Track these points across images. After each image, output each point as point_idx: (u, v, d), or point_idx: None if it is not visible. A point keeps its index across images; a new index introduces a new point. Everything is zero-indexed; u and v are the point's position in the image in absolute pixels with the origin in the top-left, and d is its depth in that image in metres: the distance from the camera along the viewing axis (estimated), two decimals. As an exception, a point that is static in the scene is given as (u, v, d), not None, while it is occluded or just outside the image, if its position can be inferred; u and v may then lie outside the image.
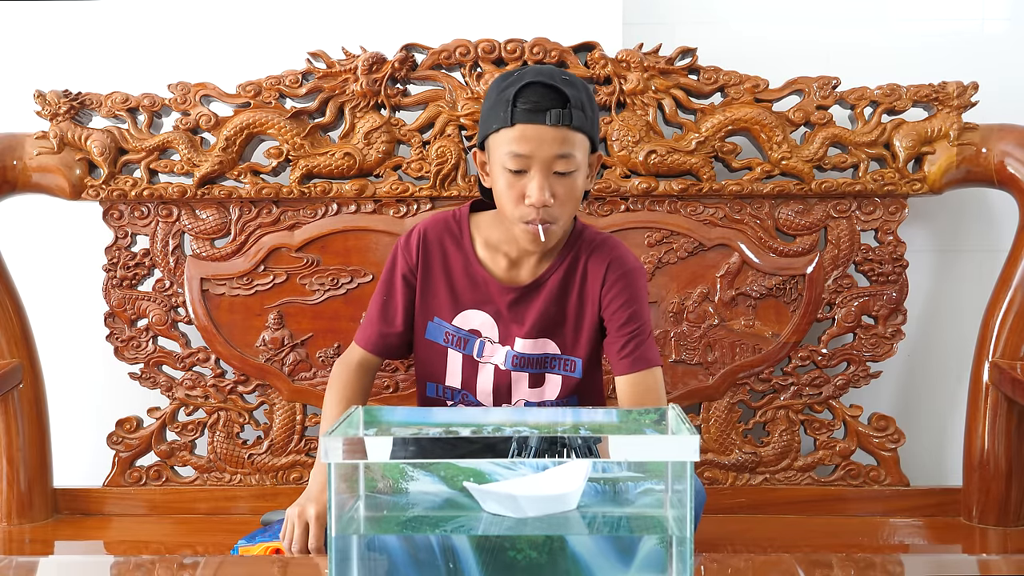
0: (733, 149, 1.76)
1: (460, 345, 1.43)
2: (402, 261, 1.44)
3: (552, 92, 1.26)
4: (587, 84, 1.34)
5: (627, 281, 1.40)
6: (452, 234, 1.43)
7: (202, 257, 1.81)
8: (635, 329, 1.39)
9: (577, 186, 1.30)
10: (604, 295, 1.40)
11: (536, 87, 1.26)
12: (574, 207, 1.33)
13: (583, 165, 1.30)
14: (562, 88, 1.26)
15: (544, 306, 1.40)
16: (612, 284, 1.39)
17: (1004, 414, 1.72)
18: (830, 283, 1.79)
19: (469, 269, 1.41)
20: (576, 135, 1.28)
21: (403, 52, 1.75)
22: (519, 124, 1.26)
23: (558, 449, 0.90)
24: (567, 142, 1.27)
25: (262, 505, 1.80)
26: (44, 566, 1.38)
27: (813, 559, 1.32)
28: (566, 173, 1.28)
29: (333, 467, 0.90)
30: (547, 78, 1.27)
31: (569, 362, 1.44)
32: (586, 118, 1.28)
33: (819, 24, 1.91)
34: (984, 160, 1.72)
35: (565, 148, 1.27)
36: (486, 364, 1.44)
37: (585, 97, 1.29)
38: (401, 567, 0.92)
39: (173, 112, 1.78)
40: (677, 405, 1.05)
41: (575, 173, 1.29)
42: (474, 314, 1.42)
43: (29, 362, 1.79)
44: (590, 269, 1.40)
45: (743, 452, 1.80)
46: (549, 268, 1.40)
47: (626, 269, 1.40)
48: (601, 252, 1.41)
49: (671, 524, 0.93)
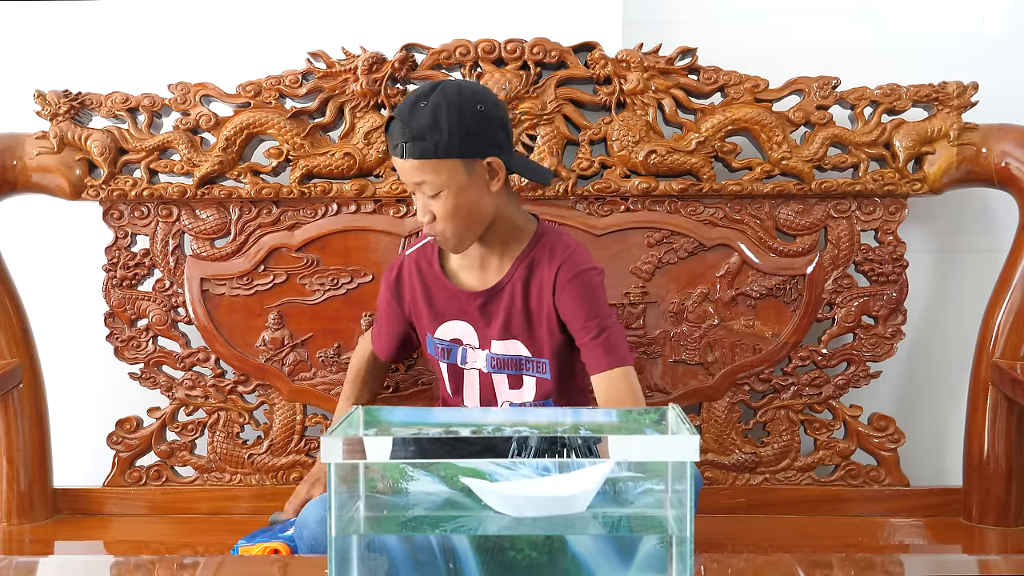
0: (733, 149, 1.76)
1: (446, 355, 1.53)
2: (385, 290, 1.61)
3: (399, 126, 1.37)
4: (447, 103, 1.36)
5: (577, 283, 1.45)
6: (426, 259, 1.55)
7: (202, 257, 1.81)
8: (596, 327, 1.44)
9: (451, 204, 1.39)
10: (557, 299, 1.46)
11: (393, 123, 1.39)
12: (461, 219, 1.41)
13: (450, 185, 1.38)
14: (404, 123, 1.36)
15: (507, 308, 1.48)
16: (563, 288, 1.45)
17: (1004, 414, 1.72)
18: (830, 283, 1.79)
19: (441, 285, 1.53)
20: (426, 163, 1.37)
21: (403, 52, 1.75)
22: (393, 157, 1.42)
23: (558, 449, 0.90)
24: (419, 170, 1.38)
25: (262, 505, 1.80)
26: (44, 566, 1.38)
27: (813, 559, 1.32)
28: (434, 196, 1.39)
29: (333, 467, 0.90)
30: (399, 113, 1.38)
31: (539, 363, 1.50)
32: (431, 146, 1.35)
33: (819, 24, 1.91)
34: (984, 160, 1.72)
35: (419, 176, 1.38)
36: (471, 370, 1.53)
37: (436, 122, 1.35)
38: (401, 567, 0.92)
39: (173, 112, 1.78)
40: (677, 405, 1.05)
41: (444, 193, 1.38)
42: (454, 324, 1.53)
43: (29, 362, 1.79)
44: (544, 274, 1.47)
45: (743, 452, 1.80)
46: (509, 271, 1.49)
47: (576, 272, 1.45)
48: (553, 256, 1.47)
49: (671, 524, 0.93)
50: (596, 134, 1.77)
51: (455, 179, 1.39)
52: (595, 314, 1.44)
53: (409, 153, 1.36)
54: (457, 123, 1.36)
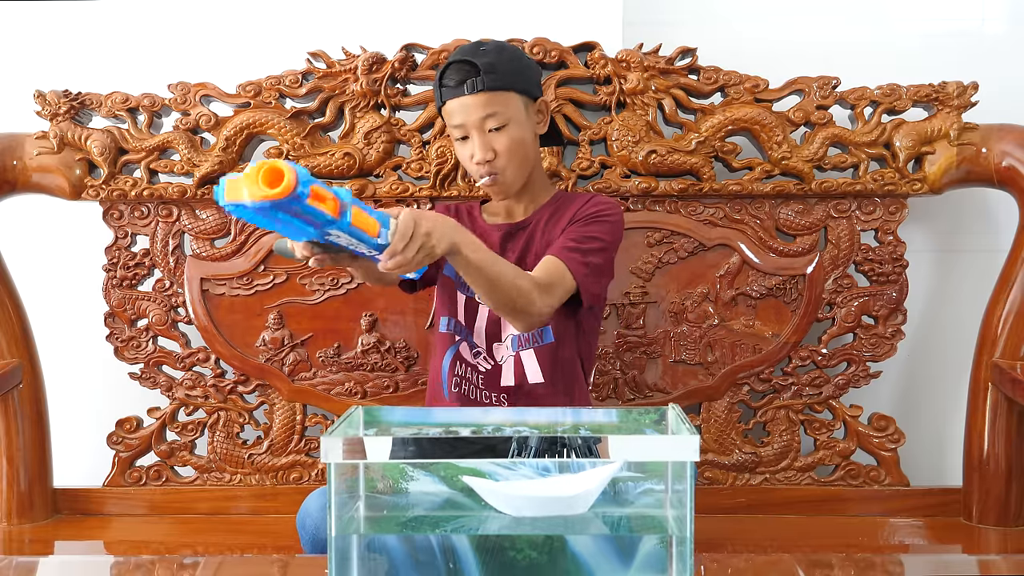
0: (733, 149, 1.76)
1: (465, 286, 1.51)
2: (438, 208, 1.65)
3: (467, 66, 1.43)
4: (507, 47, 1.49)
5: (594, 207, 1.49)
6: (468, 207, 1.60)
7: (202, 257, 1.81)
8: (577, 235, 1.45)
9: (515, 136, 1.45)
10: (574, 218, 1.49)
11: (454, 65, 1.44)
12: (520, 154, 1.47)
13: (516, 117, 1.45)
14: (474, 60, 1.42)
15: (524, 246, 1.50)
16: (581, 208, 1.49)
17: (1004, 414, 1.72)
18: (830, 283, 1.79)
19: (474, 224, 1.56)
20: (496, 95, 1.43)
21: (403, 52, 1.75)
22: (448, 100, 1.45)
23: (558, 449, 0.90)
24: (489, 103, 1.43)
25: (262, 505, 1.80)
26: (44, 566, 1.38)
27: (813, 559, 1.32)
28: (499, 128, 1.44)
29: (333, 467, 0.91)
30: (462, 55, 1.45)
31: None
32: (502, 77, 1.43)
33: (819, 24, 1.91)
34: (984, 160, 1.72)
35: (488, 108, 1.43)
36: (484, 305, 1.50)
37: (500, 59, 1.44)
38: (401, 567, 0.92)
39: (173, 112, 1.79)
40: (677, 405, 1.05)
41: (508, 126, 1.44)
42: None
43: (29, 362, 1.79)
44: (570, 207, 1.51)
45: (743, 452, 1.80)
46: (537, 211, 1.53)
47: (600, 207, 1.49)
48: (580, 197, 1.53)
49: (671, 524, 0.93)
50: (596, 134, 1.77)
51: (520, 112, 1.46)
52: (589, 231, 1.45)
53: (480, 86, 1.41)
54: (521, 63, 1.48)
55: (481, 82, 1.42)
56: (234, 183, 0.96)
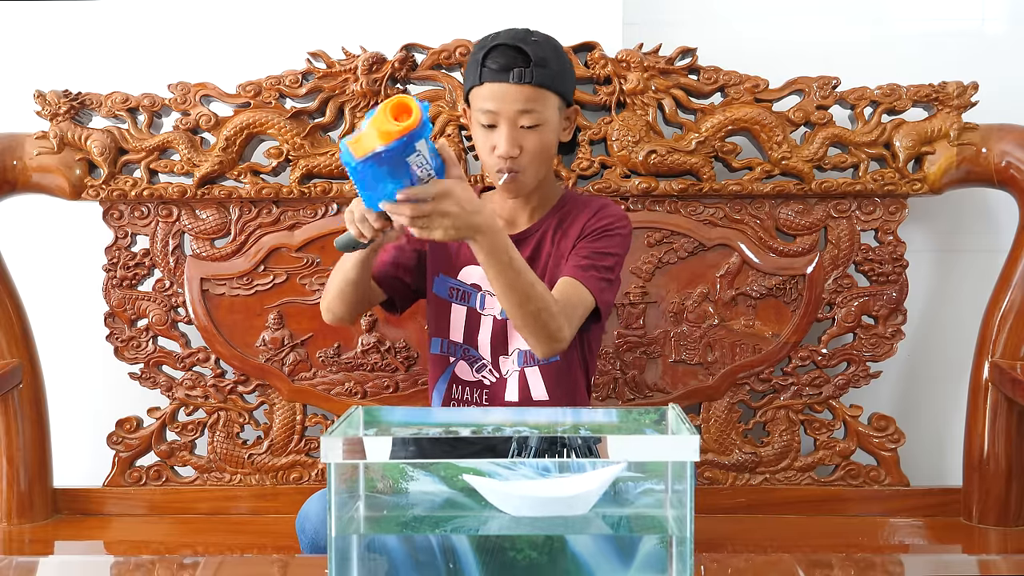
0: (733, 149, 1.76)
1: (464, 299, 1.49)
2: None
3: (516, 52, 1.36)
4: (557, 44, 1.42)
5: (604, 220, 1.44)
6: None
7: (202, 257, 1.81)
8: (590, 251, 1.41)
9: (544, 139, 1.39)
10: (583, 233, 1.44)
11: (502, 48, 1.36)
12: (544, 159, 1.41)
13: (550, 120, 1.39)
14: (526, 48, 1.35)
15: (531, 254, 1.45)
16: (590, 220, 1.44)
17: (1004, 414, 1.72)
18: (830, 283, 1.79)
19: None
20: (539, 92, 1.37)
21: (403, 52, 1.75)
22: (487, 83, 1.37)
23: (558, 449, 0.90)
24: (530, 99, 1.36)
25: (262, 505, 1.80)
26: (44, 566, 1.38)
27: (813, 559, 1.32)
28: (532, 127, 1.37)
29: (333, 467, 0.91)
30: (512, 40, 1.37)
31: None
32: (551, 75, 1.37)
33: (819, 24, 1.91)
34: (984, 160, 1.72)
35: (528, 104, 1.36)
36: (487, 316, 1.48)
37: (552, 56, 1.38)
38: (401, 567, 0.92)
39: (173, 112, 1.79)
40: (677, 405, 1.05)
41: (541, 127, 1.38)
42: (474, 269, 1.46)
43: (29, 362, 1.79)
44: (578, 218, 1.46)
45: (743, 452, 1.80)
46: (540, 220, 1.48)
47: (610, 219, 1.44)
48: (588, 206, 1.48)
49: (671, 524, 0.93)
50: (596, 134, 1.77)
51: (555, 116, 1.40)
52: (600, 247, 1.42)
53: (528, 78, 1.35)
54: (566, 64, 1.43)
55: (530, 74, 1.35)
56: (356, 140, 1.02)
